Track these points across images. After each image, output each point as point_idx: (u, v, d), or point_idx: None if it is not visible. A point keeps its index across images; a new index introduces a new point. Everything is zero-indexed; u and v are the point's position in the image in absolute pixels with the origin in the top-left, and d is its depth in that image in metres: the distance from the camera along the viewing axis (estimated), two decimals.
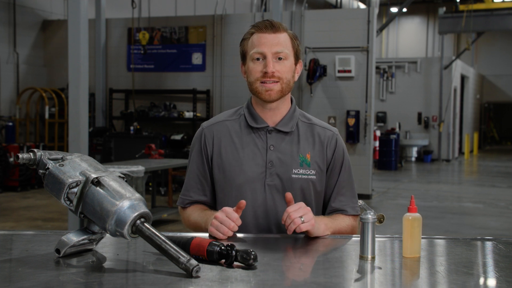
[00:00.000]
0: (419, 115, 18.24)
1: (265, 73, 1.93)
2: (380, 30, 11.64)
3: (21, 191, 10.10)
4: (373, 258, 1.56)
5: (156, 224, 6.97)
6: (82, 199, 1.50)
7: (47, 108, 11.48)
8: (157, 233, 1.45)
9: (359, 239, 1.59)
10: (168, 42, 11.37)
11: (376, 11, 10.33)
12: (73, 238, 1.55)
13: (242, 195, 1.97)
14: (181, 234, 1.75)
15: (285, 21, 10.38)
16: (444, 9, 17.95)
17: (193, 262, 1.38)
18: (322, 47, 10.26)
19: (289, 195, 1.85)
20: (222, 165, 2.01)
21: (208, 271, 1.43)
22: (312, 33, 10.37)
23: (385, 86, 18.21)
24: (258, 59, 1.95)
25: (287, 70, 1.97)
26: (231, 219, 1.79)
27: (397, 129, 17.37)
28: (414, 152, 18.33)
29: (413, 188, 11.94)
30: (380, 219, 1.58)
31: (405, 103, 18.13)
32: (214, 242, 1.50)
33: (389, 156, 15.55)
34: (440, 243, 1.88)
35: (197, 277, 1.37)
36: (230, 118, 2.07)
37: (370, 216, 1.57)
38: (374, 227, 1.57)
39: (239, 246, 1.52)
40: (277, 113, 2.02)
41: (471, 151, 21.89)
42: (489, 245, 1.82)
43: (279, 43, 1.95)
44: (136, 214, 1.46)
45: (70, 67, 6.37)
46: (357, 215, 2.08)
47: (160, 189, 9.76)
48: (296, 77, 2.03)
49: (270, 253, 1.65)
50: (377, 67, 16.95)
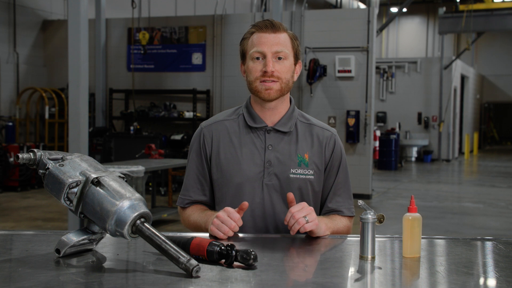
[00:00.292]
0: (419, 115, 18.24)
1: (265, 72, 1.94)
2: (380, 30, 11.64)
3: (21, 191, 10.10)
4: (373, 258, 1.56)
5: (156, 224, 6.97)
6: (82, 199, 1.50)
7: (47, 108, 11.48)
8: (157, 233, 1.45)
9: (359, 239, 1.59)
10: (168, 42, 11.37)
11: (376, 11, 10.33)
12: (73, 238, 1.55)
13: (240, 195, 1.97)
14: (181, 234, 1.75)
15: (285, 21, 10.38)
16: (444, 9, 17.95)
17: (193, 262, 1.38)
18: (322, 47, 10.26)
19: (290, 195, 1.85)
20: (220, 165, 2.01)
21: (208, 271, 1.43)
22: (312, 33, 10.37)
23: (385, 86, 18.21)
24: (257, 58, 1.96)
25: (287, 70, 1.97)
26: (232, 219, 1.80)
27: (397, 129, 17.37)
28: (414, 152, 18.32)
29: (413, 188, 11.94)
30: (380, 219, 1.58)
31: (405, 103, 18.13)
32: (214, 242, 1.50)
33: (389, 156, 15.55)
34: (440, 243, 1.88)
35: (197, 277, 1.37)
36: (229, 117, 2.07)
37: (370, 216, 1.57)
38: (374, 227, 1.57)
39: (239, 246, 1.52)
40: (276, 112, 2.02)
41: (471, 151, 21.89)
42: (489, 245, 1.82)
43: (279, 42, 1.95)
44: (136, 214, 1.46)
45: (70, 67, 6.37)
46: (352, 216, 2.09)
47: (160, 189, 9.76)
48: (295, 77, 2.03)
49: (270, 253, 1.65)
50: (377, 67, 16.96)
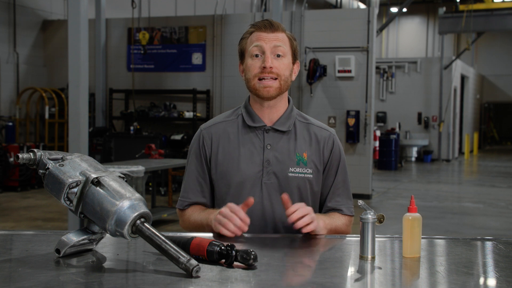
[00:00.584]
0: (419, 115, 18.24)
1: (264, 68, 1.95)
2: (380, 30, 11.64)
3: (21, 191, 10.10)
4: (373, 258, 1.56)
5: (156, 224, 6.97)
6: (82, 199, 1.50)
7: (47, 108, 11.48)
8: (157, 233, 1.44)
9: (359, 239, 1.59)
10: (168, 42, 11.37)
11: (376, 11, 10.33)
12: (73, 238, 1.55)
13: (239, 194, 1.97)
14: (181, 234, 1.75)
15: (285, 21, 10.38)
16: (444, 9, 17.95)
17: (193, 262, 1.38)
18: (322, 47, 10.26)
19: (285, 196, 1.84)
20: (219, 165, 2.02)
21: (208, 271, 1.43)
22: (312, 33, 10.37)
23: (385, 86, 18.21)
24: (257, 55, 1.97)
25: (285, 68, 1.98)
26: (238, 216, 1.79)
27: (397, 129, 17.37)
28: (414, 152, 18.32)
29: (413, 188, 11.94)
30: (380, 219, 1.58)
31: (405, 103, 18.13)
32: (214, 242, 1.50)
33: (389, 156, 15.55)
34: (440, 243, 1.88)
35: (197, 277, 1.37)
36: (228, 118, 2.08)
37: (370, 216, 1.57)
38: (374, 227, 1.57)
39: (239, 246, 1.52)
40: (274, 111, 2.03)
41: (471, 151, 21.88)
42: (489, 245, 1.82)
43: (278, 39, 1.98)
44: (136, 214, 1.46)
45: (70, 67, 6.37)
46: (351, 216, 2.09)
47: (160, 189, 9.76)
48: (293, 77, 2.04)
49: (270, 253, 1.65)
50: (377, 67, 16.95)
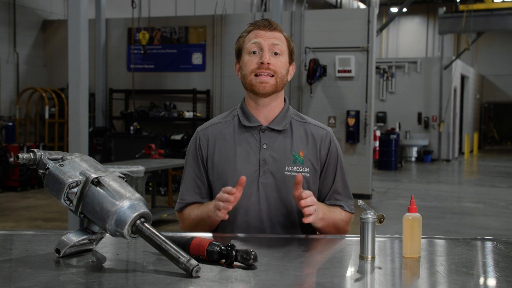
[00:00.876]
0: (419, 115, 18.23)
1: (261, 63, 1.95)
2: (380, 30, 11.64)
3: (21, 191, 10.10)
4: (373, 258, 1.56)
5: (156, 224, 6.97)
6: (82, 199, 1.50)
7: (47, 108, 11.48)
8: (157, 233, 1.45)
9: (359, 239, 1.59)
10: (168, 42, 11.37)
11: (376, 11, 10.33)
12: (73, 238, 1.55)
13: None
14: (181, 234, 1.75)
15: (285, 21, 10.38)
16: (444, 9, 17.94)
17: (193, 262, 1.38)
18: (322, 47, 10.26)
19: (299, 176, 1.83)
20: (216, 165, 2.02)
21: (208, 271, 1.43)
22: (312, 33, 10.37)
23: (385, 86, 18.21)
24: (254, 52, 1.98)
25: (282, 66, 1.99)
26: (228, 192, 1.80)
27: (397, 129, 17.37)
28: (414, 152, 18.32)
29: (413, 188, 11.94)
30: (380, 219, 1.58)
31: (405, 103, 18.13)
32: (214, 242, 1.50)
33: (389, 156, 15.55)
34: (440, 243, 1.88)
35: (197, 277, 1.37)
36: (224, 120, 2.08)
37: (370, 216, 1.57)
38: (374, 227, 1.57)
39: (239, 246, 1.52)
40: (270, 110, 2.03)
41: (471, 151, 21.88)
42: (489, 245, 1.82)
43: (276, 38, 1.99)
44: (136, 214, 1.46)
45: (70, 67, 6.37)
46: (351, 213, 2.09)
47: (160, 189, 9.76)
48: (289, 77, 2.05)
49: (270, 253, 1.65)
50: (377, 67, 16.95)
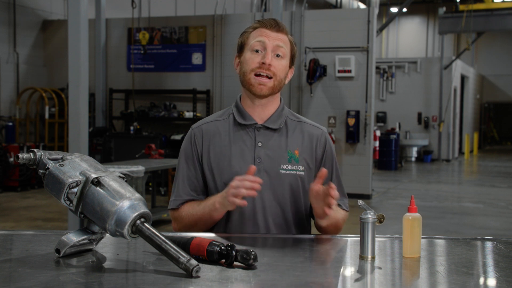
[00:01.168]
0: (419, 115, 18.23)
1: (262, 63, 1.95)
2: (380, 30, 11.64)
3: (21, 191, 10.10)
4: (373, 258, 1.56)
5: (156, 224, 6.97)
6: (82, 199, 1.50)
7: (47, 108, 11.48)
8: (157, 233, 1.45)
9: (359, 239, 1.59)
10: (168, 42, 11.37)
11: (376, 11, 10.33)
12: (73, 238, 1.55)
13: None
14: (181, 234, 1.75)
15: (285, 21, 10.37)
16: (444, 9, 17.94)
17: (193, 262, 1.38)
18: (322, 47, 10.26)
19: (325, 170, 1.83)
20: (211, 163, 2.02)
21: (208, 271, 1.43)
22: (312, 33, 10.37)
23: (385, 86, 18.20)
24: (257, 51, 1.97)
25: (282, 69, 1.99)
26: (247, 180, 1.78)
27: (397, 129, 17.37)
28: (414, 152, 18.32)
29: (413, 188, 11.94)
30: (380, 219, 1.58)
31: (405, 103, 18.13)
32: (214, 242, 1.50)
33: (389, 156, 15.55)
34: (440, 243, 1.88)
35: (197, 277, 1.37)
36: (219, 118, 2.08)
37: (370, 216, 1.57)
38: (374, 227, 1.57)
39: (239, 246, 1.52)
40: (265, 110, 2.04)
41: (471, 151, 21.88)
42: (489, 245, 1.82)
43: (280, 40, 1.99)
44: (136, 214, 1.46)
45: (70, 67, 6.37)
46: (347, 211, 2.10)
47: (160, 189, 9.76)
48: (287, 81, 2.05)
49: (270, 253, 1.65)
50: (377, 67, 16.95)
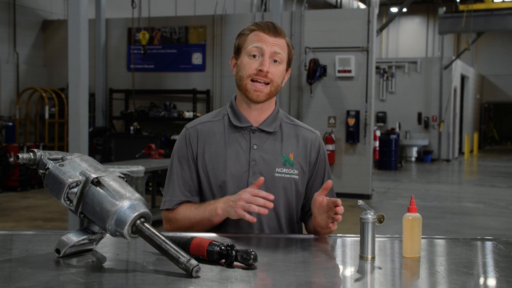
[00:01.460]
0: (419, 115, 18.23)
1: (260, 70, 1.94)
2: (380, 30, 11.64)
3: (21, 191, 10.10)
4: (373, 258, 1.56)
5: (156, 224, 6.97)
6: (82, 199, 1.50)
7: (47, 108, 11.48)
8: (157, 233, 1.45)
9: (359, 239, 1.59)
10: (168, 42, 11.37)
11: (376, 11, 10.33)
12: (73, 238, 1.55)
13: (225, 194, 1.96)
14: (181, 234, 1.75)
15: (285, 21, 10.38)
16: (444, 9, 17.94)
17: (193, 262, 1.38)
18: (322, 47, 10.26)
19: (330, 182, 1.83)
20: (205, 164, 2.01)
21: (208, 271, 1.43)
22: (312, 33, 10.36)
23: (385, 86, 18.20)
24: (254, 56, 1.96)
25: (279, 75, 1.99)
26: (260, 196, 1.78)
27: (397, 129, 17.37)
28: (414, 152, 18.32)
29: (413, 188, 11.94)
30: (380, 219, 1.58)
31: (405, 103, 18.13)
32: (214, 242, 1.50)
33: (389, 156, 15.55)
34: (440, 243, 1.88)
35: (197, 277, 1.37)
36: (214, 119, 2.07)
37: (370, 216, 1.57)
38: (374, 227, 1.57)
39: (239, 246, 1.52)
40: (261, 113, 2.04)
41: (471, 151, 21.88)
42: (489, 245, 1.82)
43: (278, 45, 1.98)
44: (136, 214, 1.46)
45: (70, 67, 6.37)
46: None
47: (160, 189, 9.73)
48: (282, 84, 2.05)
49: (270, 253, 1.65)
50: (377, 67, 16.95)
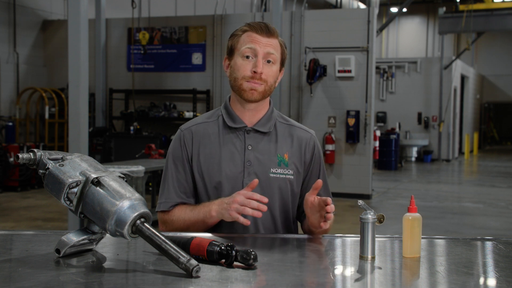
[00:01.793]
0: (419, 115, 18.23)
1: (254, 72, 1.94)
2: (380, 30, 11.64)
3: (21, 191, 10.10)
4: (373, 258, 1.56)
5: (156, 224, 6.95)
6: (82, 199, 1.50)
7: (47, 108, 11.48)
8: (157, 233, 1.45)
9: (359, 239, 1.59)
10: (168, 42, 11.37)
11: (376, 11, 10.33)
12: (73, 238, 1.55)
13: (220, 195, 1.96)
14: (181, 234, 1.75)
15: (285, 21, 10.38)
16: (444, 9, 17.94)
17: (193, 262, 1.38)
18: (322, 47, 10.26)
19: (320, 182, 1.83)
20: (200, 165, 2.01)
21: (208, 271, 1.43)
22: (312, 33, 10.36)
23: (385, 86, 18.20)
24: (248, 57, 1.96)
25: (273, 75, 2.00)
26: (254, 199, 1.78)
27: (397, 129, 17.36)
28: (414, 152, 18.32)
29: (413, 188, 11.94)
30: (380, 219, 1.58)
31: (405, 103, 18.12)
32: (214, 242, 1.50)
33: (389, 156, 15.55)
34: (440, 243, 1.88)
35: (197, 277, 1.37)
36: (208, 120, 2.08)
37: (370, 216, 1.57)
38: (374, 227, 1.57)
39: (239, 246, 1.52)
40: (255, 113, 2.04)
41: (471, 151, 21.88)
42: (489, 245, 1.82)
43: (271, 45, 1.98)
44: (136, 214, 1.46)
45: (70, 67, 6.37)
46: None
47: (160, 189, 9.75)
48: (276, 84, 2.05)
49: (270, 253, 1.65)
50: (377, 67, 16.95)
